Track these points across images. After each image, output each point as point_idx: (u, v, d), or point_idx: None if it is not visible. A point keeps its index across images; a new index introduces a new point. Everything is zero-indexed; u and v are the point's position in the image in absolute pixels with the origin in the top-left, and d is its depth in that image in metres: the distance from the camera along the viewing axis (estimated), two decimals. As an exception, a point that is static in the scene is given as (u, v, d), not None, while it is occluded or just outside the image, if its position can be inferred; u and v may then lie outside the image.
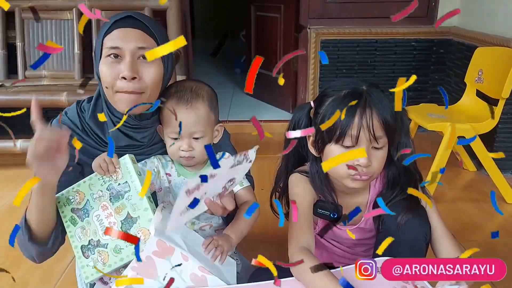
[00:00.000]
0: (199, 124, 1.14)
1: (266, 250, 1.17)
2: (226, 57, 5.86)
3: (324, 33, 3.16)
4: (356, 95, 1.03)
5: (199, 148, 1.15)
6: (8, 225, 2.02)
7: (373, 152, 1.04)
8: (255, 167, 1.28)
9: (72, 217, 1.10)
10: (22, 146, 2.49)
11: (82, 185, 1.11)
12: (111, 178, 1.09)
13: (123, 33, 1.08)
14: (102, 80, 1.10)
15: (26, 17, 2.78)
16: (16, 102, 2.48)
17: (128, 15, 1.11)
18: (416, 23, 3.15)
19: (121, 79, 1.07)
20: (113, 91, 1.09)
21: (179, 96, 1.15)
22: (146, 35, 1.10)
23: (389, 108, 1.03)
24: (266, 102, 3.86)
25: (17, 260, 1.77)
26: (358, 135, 1.01)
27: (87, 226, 1.09)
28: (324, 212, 1.16)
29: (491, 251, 1.80)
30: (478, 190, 2.36)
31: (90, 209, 1.10)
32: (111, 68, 1.08)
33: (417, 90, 3.27)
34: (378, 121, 1.02)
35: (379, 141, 1.03)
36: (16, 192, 2.40)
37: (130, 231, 1.07)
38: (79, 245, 1.10)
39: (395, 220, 1.08)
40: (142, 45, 1.08)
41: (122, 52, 1.08)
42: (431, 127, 2.15)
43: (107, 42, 1.09)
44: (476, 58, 2.43)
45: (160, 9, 2.79)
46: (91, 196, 1.10)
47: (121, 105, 1.10)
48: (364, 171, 1.03)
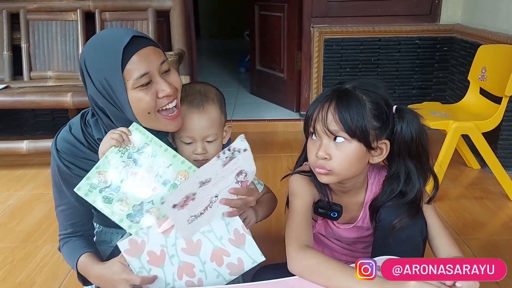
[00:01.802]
0: (212, 128, 1.16)
1: (270, 249, 1.18)
2: (230, 56, 5.88)
3: (327, 31, 3.16)
4: (332, 91, 1.08)
5: (212, 151, 1.17)
6: (15, 225, 2.05)
7: (333, 148, 1.05)
8: (258, 167, 1.30)
9: (104, 197, 1.08)
10: (28, 146, 2.52)
11: (101, 165, 1.09)
12: (127, 148, 1.10)
13: (142, 57, 1.05)
14: (141, 108, 1.07)
15: (31, 19, 2.80)
16: (22, 104, 2.51)
17: (131, 36, 1.05)
18: (419, 21, 3.14)
19: (163, 98, 1.08)
20: (155, 113, 1.09)
21: (190, 100, 1.15)
22: (156, 48, 1.10)
23: (359, 109, 1.03)
24: (269, 101, 3.87)
25: (24, 259, 1.79)
26: (315, 127, 1.06)
27: (124, 197, 1.08)
28: (325, 212, 1.18)
29: (494, 249, 1.81)
30: (481, 188, 2.35)
31: (120, 181, 1.09)
32: (147, 93, 1.06)
33: (420, 88, 3.27)
34: (333, 115, 1.03)
35: (337, 136, 1.03)
36: (22, 193, 2.42)
37: (169, 180, 1.10)
38: (124, 216, 1.07)
39: (391, 218, 1.09)
40: (162, 59, 1.09)
41: (150, 75, 1.06)
42: (435, 125, 2.15)
43: (130, 74, 1.04)
44: (479, 56, 2.42)
45: (164, 9, 2.81)
46: (115, 170, 1.09)
47: (170, 127, 1.12)
48: (320, 163, 1.06)
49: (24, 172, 2.63)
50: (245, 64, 5.10)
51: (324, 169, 1.06)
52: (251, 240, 1.11)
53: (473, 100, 2.43)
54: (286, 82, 3.62)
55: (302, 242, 1.05)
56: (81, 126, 1.17)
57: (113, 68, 1.03)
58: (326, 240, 1.33)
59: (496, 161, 2.20)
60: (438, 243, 1.11)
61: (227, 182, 1.07)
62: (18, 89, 2.62)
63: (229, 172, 1.06)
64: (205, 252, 1.09)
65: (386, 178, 1.16)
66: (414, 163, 1.10)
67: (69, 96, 2.42)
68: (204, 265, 1.09)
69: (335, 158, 1.05)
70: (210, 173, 1.03)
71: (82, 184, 1.08)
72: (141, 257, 1.05)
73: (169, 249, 1.07)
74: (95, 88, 1.07)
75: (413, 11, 3.13)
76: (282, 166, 2.56)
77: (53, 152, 1.17)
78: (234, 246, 1.10)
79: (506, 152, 2.49)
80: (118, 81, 1.04)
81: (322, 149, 1.05)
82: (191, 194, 1.02)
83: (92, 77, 1.07)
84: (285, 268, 1.03)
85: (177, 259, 1.07)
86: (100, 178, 1.08)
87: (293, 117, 3.48)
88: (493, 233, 1.95)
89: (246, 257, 1.11)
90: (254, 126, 3.30)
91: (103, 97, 1.08)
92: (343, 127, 1.02)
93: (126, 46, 1.02)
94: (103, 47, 1.06)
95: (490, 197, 2.25)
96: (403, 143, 1.08)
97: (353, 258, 1.28)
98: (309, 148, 1.10)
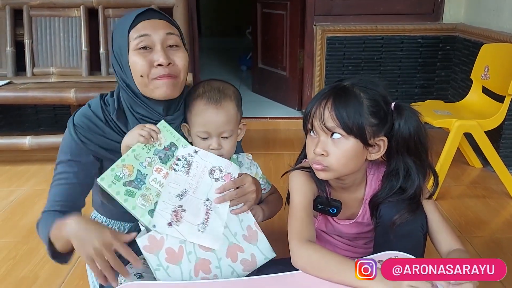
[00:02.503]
0: (228, 124, 1.17)
1: (273, 245, 1.18)
2: (232, 54, 5.88)
3: (330, 30, 3.16)
4: (329, 88, 1.09)
5: (227, 147, 1.18)
6: (17, 220, 2.05)
7: (331, 144, 1.06)
8: (260, 164, 1.30)
9: (128, 190, 1.07)
10: (30, 142, 2.52)
11: (127, 158, 1.09)
12: (154, 144, 1.12)
13: (150, 23, 1.13)
14: (136, 70, 1.12)
15: (34, 15, 2.80)
16: (25, 99, 2.52)
17: (148, 8, 1.16)
18: (422, 19, 3.14)
19: (157, 66, 1.11)
20: (149, 79, 1.12)
21: (209, 96, 1.16)
22: (170, 24, 1.16)
23: (356, 106, 1.04)
24: (272, 99, 3.87)
25: (27, 254, 1.80)
26: (312, 124, 1.07)
27: (147, 192, 1.08)
28: (324, 207, 1.18)
29: (496, 247, 1.81)
30: (484, 187, 2.36)
31: (144, 177, 1.09)
32: (144, 57, 1.11)
33: (423, 87, 3.27)
34: (330, 111, 1.04)
35: (334, 132, 1.04)
36: (24, 188, 2.43)
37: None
38: (146, 211, 1.06)
39: (391, 214, 1.10)
40: (170, 31, 1.14)
41: (152, 42, 1.11)
42: (437, 123, 2.15)
43: (134, 34, 1.12)
44: (482, 55, 2.42)
45: (167, 6, 2.80)
46: (140, 165, 1.09)
47: (160, 90, 1.13)
48: (318, 159, 1.07)
49: (26, 168, 2.64)
50: (246, 62, 5.10)
51: (321, 165, 1.08)
52: (263, 237, 1.15)
53: (475, 99, 2.43)
54: (288, 80, 3.62)
55: (304, 237, 1.05)
56: (100, 104, 1.22)
57: (123, 30, 1.13)
58: (327, 236, 1.33)
59: (498, 160, 2.21)
60: (439, 237, 1.11)
61: (206, 185, 1.11)
62: (20, 85, 2.62)
63: (199, 176, 1.11)
64: (221, 248, 1.09)
65: (385, 174, 1.16)
66: (413, 160, 1.11)
67: (72, 92, 2.42)
68: (220, 261, 1.09)
69: (332, 154, 1.06)
70: (179, 186, 1.09)
71: (106, 175, 1.07)
72: (159, 254, 1.04)
73: (187, 246, 1.06)
74: (114, 55, 1.17)
75: (416, 10, 3.13)
76: (284, 164, 2.56)
77: (70, 126, 1.19)
78: (247, 242, 1.13)
79: (508, 151, 2.50)
80: (124, 41, 1.12)
81: (319, 146, 1.06)
82: (176, 208, 1.06)
83: (113, 45, 1.18)
84: (289, 263, 1.03)
85: (195, 256, 1.06)
86: (125, 171, 1.08)
87: (295, 115, 3.49)
88: (496, 231, 1.96)
89: (259, 253, 1.14)
90: (256, 124, 3.29)
91: (116, 62, 1.17)
92: (339, 124, 1.03)
93: (139, 15, 1.13)
94: (125, 16, 1.17)
95: (492, 196, 2.25)
96: (401, 140, 1.08)
97: (355, 253, 1.29)
98: (308, 145, 1.12)
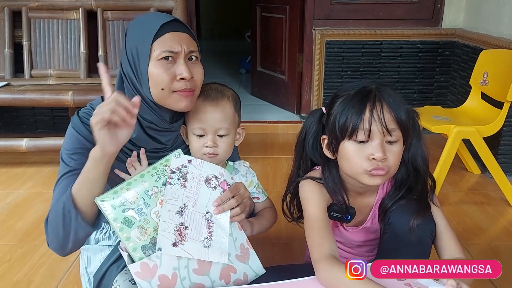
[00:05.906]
0: (224, 121, 1.18)
1: (269, 250, 1.17)
2: (231, 58, 5.88)
3: (329, 34, 3.16)
4: (365, 92, 1.07)
5: (223, 146, 1.19)
6: (13, 223, 2.04)
7: (388, 147, 1.05)
8: (258, 168, 1.29)
9: (126, 218, 1.02)
10: (27, 144, 2.51)
11: (133, 183, 1.04)
12: (165, 173, 1.07)
13: (176, 37, 1.12)
14: (157, 82, 1.11)
15: (32, 17, 2.79)
16: (22, 101, 2.50)
17: (173, 18, 1.15)
18: (421, 25, 3.14)
19: (179, 80, 1.12)
20: (169, 92, 1.12)
21: (206, 94, 1.20)
22: (192, 39, 1.16)
23: (400, 103, 1.06)
24: (270, 102, 3.87)
25: (22, 257, 1.78)
26: (370, 128, 1.03)
27: (146, 225, 1.02)
28: (338, 215, 1.17)
29: (494, 254, 1.80)
30: (482, 193, 2.35)
31: (146, 207, 1.04)
32: (167, 70, 1.11)
33: (421, 92, 3.27)
34: (389, 113, 1.04)
35: (392, 134, 1.04)
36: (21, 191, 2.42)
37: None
38: (139, 246, 1.02)
39: (402, 220, 1.09)
40: (192, 49, 1.15)
41: (176, 55, 1.12)
42: (436, 129, 2.15)
43: (159, 45, 1.10)
44: (481, 61, 2.42)
45: (166, 9, 2.80)
46: (145, 193, 1.05)
47: (180, 104, 1.14)
48: (380, 165, 1.04)
49: (23, 170, 2.63)
50: (245, 66, 5.10)
51: (384, 170, 1.05)
52: (254, 254, 1.13)
53: (474, 105, 2.43)
54: (287, 84, 3.61)
55: (326, 251, 1.02)
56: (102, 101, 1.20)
57: (146, 37, 1.10)
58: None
59: (497, 166, 2.20)
60: (442, 243, 1.11)
61: (205, 195, 1.09)
62: (18, 87, 2.61)
63: (196, 187, 1.08)
64: (215, 271, 1.07)
65: (395, 176, 1.16)
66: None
67: (69, 94, 2.41)
68: (213, 284, 1.07)
69: (391, 156, 1.05)
70: (178, 201, 1.05)
71: (107, 196, 1.03)
72: (152, 281, 1.01)
73: (181, 272, 1.03)
74: (126, 55, 1.14)
75: (415, 15, 3.14)
76: (282, 168, 2.54)
77: (74, 119, 1.18)
78: (240, 262, 1.11)
79: (507, 158, 2.49)
80: (146, 49, 1.10)
81: (380, 150, 1.03)
82: (178, 226, 1.03)
83: (127, 44, 1.15)
84: (288, 271, 1.02)
85: (188, 281, 1.04)
86: (128, 197, 1.03)
87: (293, 119, 3.48)
88: (494, 238, 1.95)
89: (250, 271, 1.12)
90: (254, 127, 3.29)
91: (129, 64, 1.14)
92: (398, 126, 1.04)
93: (164, 24, 1.11)
94: (146, 20, 1.15)
95: (491, 202, 2.24)
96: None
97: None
98: (354, 153, 1.06)
